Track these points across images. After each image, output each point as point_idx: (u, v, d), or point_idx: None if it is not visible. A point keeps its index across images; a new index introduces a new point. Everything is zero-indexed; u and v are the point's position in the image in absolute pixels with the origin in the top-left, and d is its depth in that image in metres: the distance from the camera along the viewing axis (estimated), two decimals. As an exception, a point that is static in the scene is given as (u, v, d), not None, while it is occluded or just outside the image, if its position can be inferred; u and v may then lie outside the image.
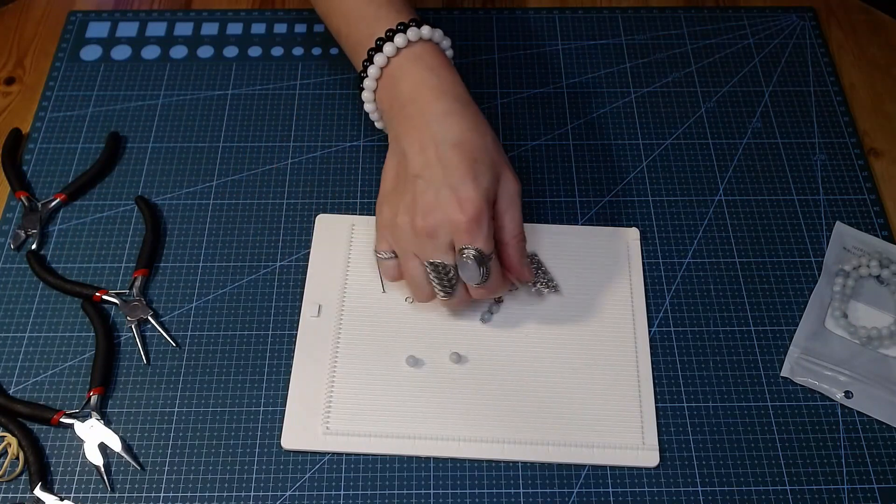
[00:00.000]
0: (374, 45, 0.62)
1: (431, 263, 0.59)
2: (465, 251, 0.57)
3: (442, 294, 0.61)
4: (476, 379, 0.63)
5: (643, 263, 0.69)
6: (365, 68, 0.63)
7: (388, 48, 0.62)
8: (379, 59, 0.62)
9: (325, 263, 0.68)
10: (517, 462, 0.60)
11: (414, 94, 0.61)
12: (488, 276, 0.58)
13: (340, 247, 0.69)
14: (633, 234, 0.70)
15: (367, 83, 0.64)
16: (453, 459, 0.60)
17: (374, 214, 0.71)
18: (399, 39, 0.62)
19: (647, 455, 0.60)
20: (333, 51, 0.82)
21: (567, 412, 0.61)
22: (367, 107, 0.66)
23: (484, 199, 0.57)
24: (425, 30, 0.62)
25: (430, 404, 0.62)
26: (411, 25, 0.62)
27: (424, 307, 0.66)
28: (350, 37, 0.66)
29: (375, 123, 0.68)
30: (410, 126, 0.60)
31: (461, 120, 0.59)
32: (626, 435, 0.61)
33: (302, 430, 0.61)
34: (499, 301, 0.66)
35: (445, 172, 0.58)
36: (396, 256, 0.62)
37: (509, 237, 0.60)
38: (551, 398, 0.62)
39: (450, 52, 0.65)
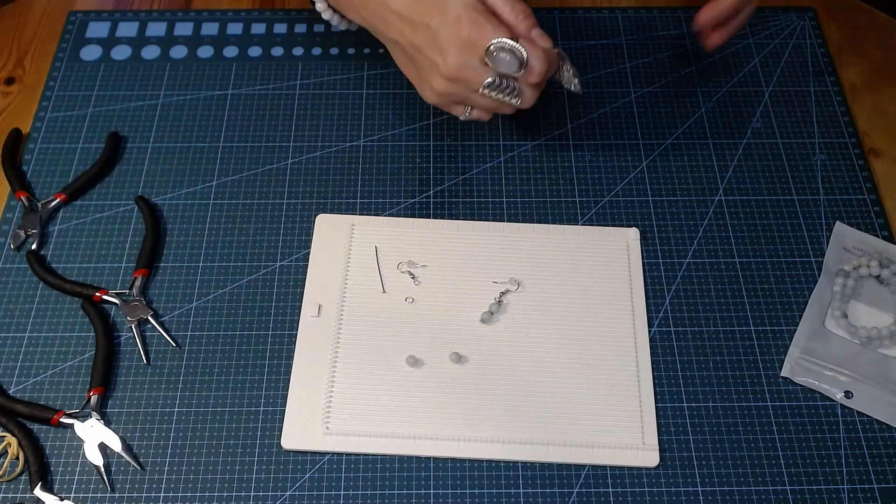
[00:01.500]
0: None
1: (486, 86, 0.61)
2: (488, 50, 0.59)
3: (515, 100, 0.62)
4: (476, 379, 0.63)
5: (643, 263, 0.69)
6: None
7: None
8: None
9: (325, 263, 0.68)
10: (517, 462, 0.60)
11: None
12: (526, 60, 0.59)
13: (340, 247, 0.69)
14: (633, 234, 0.70)
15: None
16: (453, 459, 0.60)
17: (374, 214, 0.71)
18: None
19: (647, 455, 0.60)
20: (333, 51, 0.82)
21: (567, 412, 0.61)
22: (325, 14, 0.71)
23: (465, 6, 0.59)
24: None
25: (430, 404, 0.62)
26: None
27: (424, 307, 0.66)
28: None
29: (337, 26, 0.73)
30: (375, 15, 0.65)
31: None
32: (626, 435, 0.61)
33: (302, 430, 0.61)
34: (499, 301, 0.66)
35: (426, 29, 0.61)
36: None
37: (520, 25, 0.61)
38: (551, 398, 0.62)
39: None
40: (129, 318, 0.65)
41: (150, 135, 0.76)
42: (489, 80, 0.60)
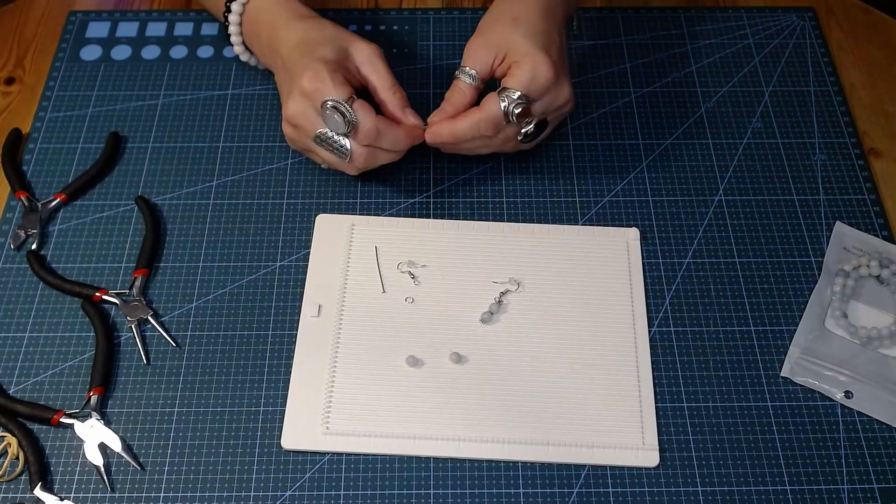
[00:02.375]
0: (225, 8, 0.72)
1: (316, 137, 0.64)
2: (323, 105, 0.62)
3: (342, 158, 0.65)
4: (476, 379, 0.63)
5: (643, 263, 0.69)
6: (226, 18, 0.72)
7: (235, 6, 0.71)
8: (233, 17, 0.72)
9: (325, 263, 0.68)
10: (517, 462, 0.60)
11: (270, 35, 0.69)
12: (354, 122, 0.62)
13: (340, 247, 0.69)
14: (633, 234, 0.70)
15: (233, 29, 0.73)
16: (453, 460, 0.60)
17: (374, 214, 0.71)
18: None
19: (647, 455, 0.60)
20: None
21: (567, 412, 0.61)
22: (237, 49, 0.75)
23: (319, 61, 0.63)
24: None
25: (430, 404, 0.62)
26: None
27: (424, 307, 0.66)
28: (213, 7, 0.77)
29: (241, 57, 0.76)
30: (268, 50, 0.70)
31: (299, 28, 0.68)
32: (626, 435, 0.61)
33: (302, 430, 0.61)
34: (499, 301, 0.66)
35: (289, 70, 0.66)
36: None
37: (383, 92, 0.67)
38: (551, 398, 0.62)
39: None
40: (129, 318, 0.65)
41: (150, 135, 0.76)
42: (318, 131, 0.64)
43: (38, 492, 0.58)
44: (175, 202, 0.72)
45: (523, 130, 0.65)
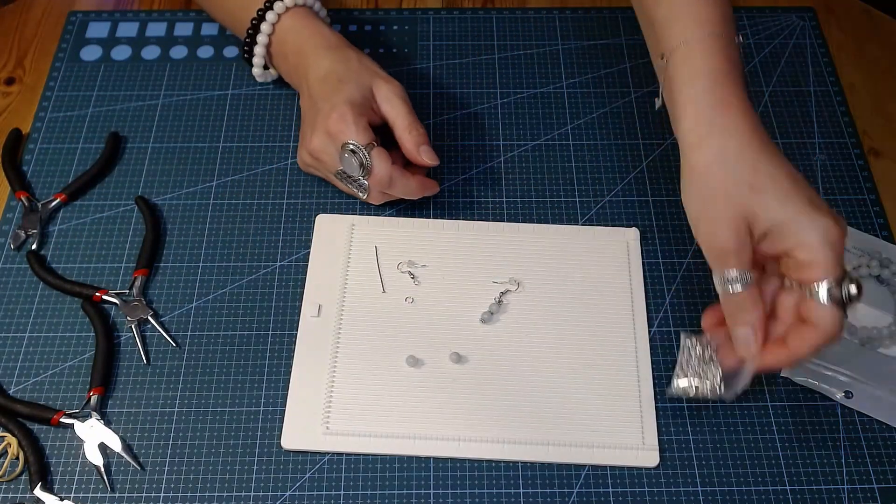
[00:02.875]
0: (256, 16, 0.71)
1: (337, 174, 0.67)
2: (343, 147, 0.64)
3: (361, 194, 0.68)
4: (476, 379, 0.63)
5: (643, 263, 0.69)
6: (252, 37, 0.72)
7: (264, 27, 0.71)
8: (261, 38, 0.72)
9: (325, 263, 0.68)
10: (517, 462, 0.60)
11: (297, 59, 0.71)
12: (369, 165, 0.65)
13: (340, 247, 0.69)
14: (632, 234, 0.70)
15: (258, 50, 0.73)
16: (453, 460, 0.60)
17: (374, 214, 0.71)
18: (270, 17, 0.71)
19: (647, 455, 0.60)
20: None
21: (567, 412, 0.61)
22: (256, 71, 0.76)
23: (346, 103, 0.65)
24: (287, 0, 0.71)
25: (430, 404, 0.62)
26: (276, 0, 0.71)
27: (424, 307, 0.66)
28: (234, 23, 0.75)
29: (258, 78, 0.77)
30: (297, 80, 0.72)
31: (328, 56, 0.69)
32: (626, 435, 0.61)
33: (302, 430, 0.61)
34: (499, 301, 0.66)
35: (315, 102, 0.67)
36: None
37: (401, 131, 0.67)
38: (551, 398, 0.62)
39: (322, 12, 0.75)
40: (129, 318, 0.65)
41: (150, 135, 0.76)
42: (339, 169, 0.67)
43: (38, 492, 0.58)
44: (175, 202, 0.72)
45: (850, 292, 0.50)
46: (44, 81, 0.80)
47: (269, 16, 0.71)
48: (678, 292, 0.68)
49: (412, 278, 0.68)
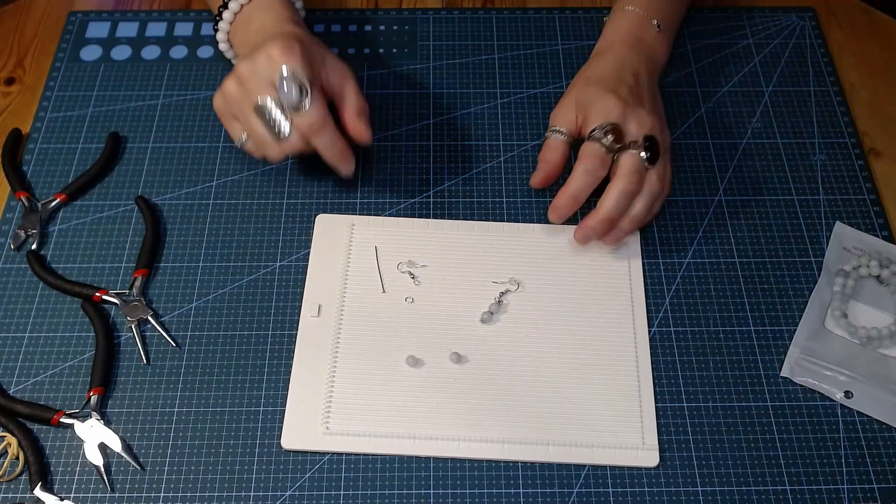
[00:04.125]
0: (223, 2, 0.71)
1: (258, 106, 0.63)
2: (282, 70, 0.62)
3: (273, 135, 0.63)
4: (476, 379, 0.63)
5: (643, 263, 0.69)
6: (220, 13, 0.72)
7: (233, 3, 0.70)
8: (233, 5, 0.71)
9: (325, 263, 0.68)
10: (517, 462, 0.60)
11: (259, 31, 0.69)
12: (307, 99, 0.62)
13: (340, 247, 0.69)
14: (632, 234, 0.70)
15: (222, 25, 0.72)
16: (453, 459, 0.60)
17: (374, 214, 0.71)
18: None
19: (647, 455, 0.60)
20: (333, 50, 0.82)
21: (567, 412, 0.61)
22: (222, 45, 0.74)
23: (298, 41, 0.63)
24: None
25: (430, 404, 0.62)
26: None
27: (424, 307, 0.66)
28: None
29: (232, 61, 0.75)
30: (252, 46, 0.67)
31: (290, 28, 0.67)
32: (626, 435, 0.61)
33: (302, 431, 0.61)
34: (499, 301, 0.66)
35: (257, 45, 0.65)
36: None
37: (348, 99, 0.66)
38: (551, 398, 0.62)
39: (299, 4, 0.74)
40: (129, 318, 0.65)
41: (150, 135, 0.76)
42: (263, 98, 0.63)
43: (38, 492, 0.58)
44: (175, 202, 0.72)
45: (641, 155, 0.64)
46: (44, 81, 0.80)
47: None
48: (678, 292, 0.68)
49: (412, 278, 0.68)
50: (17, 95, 0.80)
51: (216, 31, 0.73)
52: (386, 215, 0.71)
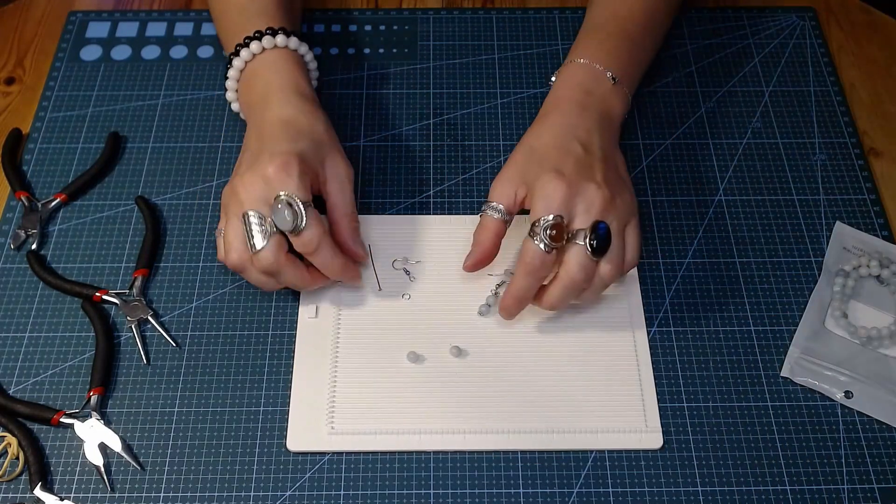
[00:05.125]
0: (234, 51, 0.69)
1: (245, 215, 0.59)
2: (278, 196, 0.59)
3: (253, 246, 0.59)
4: (477, 371, 0.63)
5: (644, 264, 0.69)
6: (230, 61, 0.69)
7: (244, 53, 0.68)
8: (237, 62, 0.69)
9: (325, 263, 0.68)
10: (522, 452, 0.60)
11: (264, 93, 0.66)
12: (302, 223, 0.58)
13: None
14: None
15: (229, 84, 0.70)
16: (454, 457, 0.60)
17: (374, 214, 0.71)
18: (266, 41, 0.68)
19: (650, 437, 0.60)
20: (333, 51, 0.82)
21: (569, 399, 0.62)
22: (229, 95, 0.72)
23: (296, 154, 0.60)
24: (292, 41, 0.69)
25: (434, 399, 0.62)
26: (267, 34, 0.68)
27: (422, 303, 0.66)
28: (226, 40, 0.72)
29: (232, 106, 0.73)
30: (255, 118, 0.66)
31: (296, 107, 0.65)
32: (629, 418, 0.61)
33: (307, 431, 0.61)
34: (495, 294, 0.66)
35: (264, 143, 0.62)
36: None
37: (340, 215, 0.64)
38: (553, 386, 0.62)
39: (312, 65, 0.72)
40: (129, 318, 0.65)
41: (150, 135, 0.76)
42: (252, 210, 0.59)
43: (38, 492, 0.58)
44: (175, 202, 0.72)
45: (587, 243, 0.58)
46: (44, 81, 0.80)
47: (254, 45, 0.67)
48: (678, 292, 0.68)
49: (407, 275, 0.68)
50: (17, 95, 0.80)
51: (226, 78, 0.70)
52: (379, 214, 0.71)
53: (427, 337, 0.65)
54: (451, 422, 0.61)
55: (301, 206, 0.58)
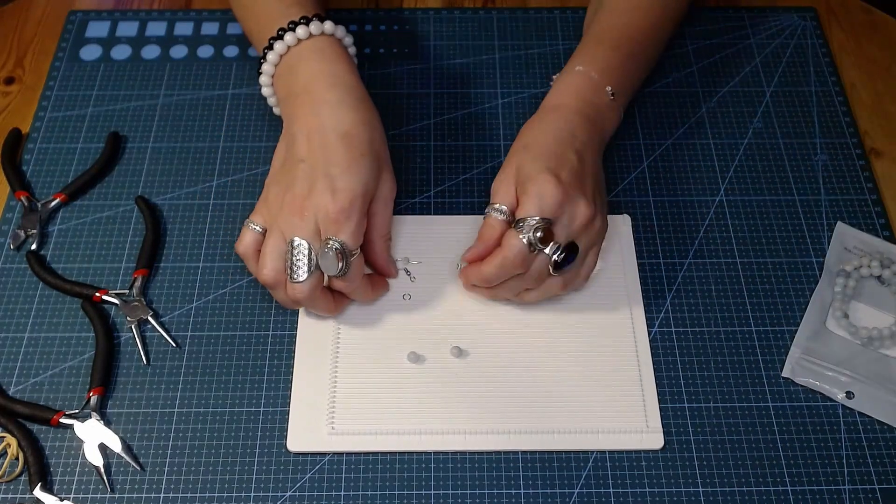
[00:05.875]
0: (275, 35, 0.65)
1: (292, 242, 0.58)
2: (330, 241, 0.57)
3: (293, 275, 0.59)
4: (478, 371, 0.63)
5: (645, 264, 0.69)
6: (264, 55, 0.66)
7: (288, 37, 0.64)
8: (279, 46, 0.65)
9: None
10: (523, 452, 0.60)
11: (308, 84, 0.63)
12: (347, 270, 0.58)
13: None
14: (622, 221, 0.70)
15: (266, 68, 0.67)
16: (454, 458, 0.60)
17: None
18: (301, 31, 0.64)
19: (651, 438, 0.60)
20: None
21: (570, 399, 0.62)
22: (265, 91, 0.69)
23: (360, 194, 0.59)
24: (328, 25, 0.65)
25: (434, 399, 0.62)
26: (314, 20, 0.65)
27: (422, 303, 0.66)
28: (259, 32, 0.68)
29: (273, 109, 0.71)
30: (302, 113, 0.62)
31: (352, 111, 0.61)
32: (630, 419, 0.61)
33: (307, 432, 0.61)
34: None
35: (327, 160, 0.59)
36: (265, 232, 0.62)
37: (377, 236, 0.63)
38: (554, 386, 0.62)
39: (352, 49, 0.68)
40: (129, 318, 0.65)
41: (150, 135, 0.76)
42: (300, 241, 0.58)
43: (38, 492, 0.58)
44: (175, 202, 0.72)
45: (553, 258, 0.59)
46: (43, 81, 0.80)
47: (288, 37, 0.64)
48: (678, 292, 0.68)
49: (408, 275, 0.68)
50: (17, 95, 0.79)
51: (259, 73, 0.67)
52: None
53: (428, 337, 0.65)
54: (452, 422, 0.61)
55: (350, 256, 0.58)
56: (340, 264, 0.58)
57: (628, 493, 0.59)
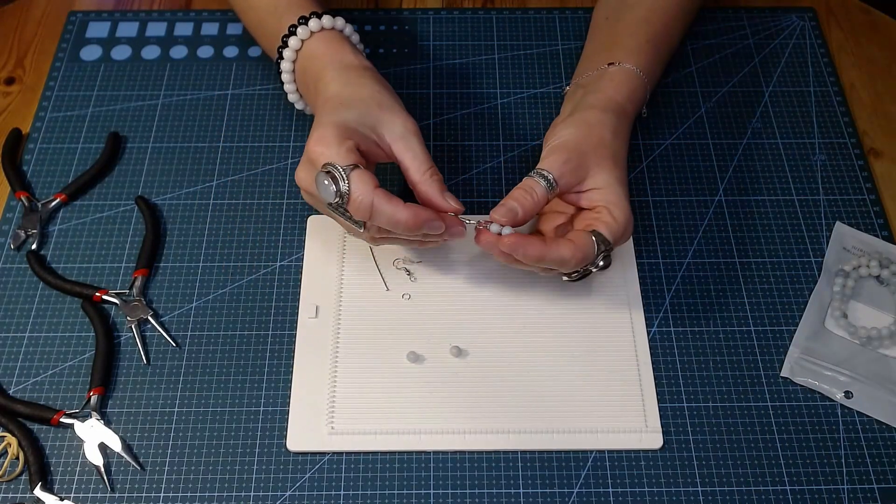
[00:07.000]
0: (287, 32, 0.67)
1: (328, 205, 0.59)
2: (319, 172, 0.57)
3: (356, 226, 0.60)
4: (477, 372, 0.63)
5: (644, 264, 0.69)
6: (280, 54, 0.68)
7: (301, 31, 0.66)
8: (293, 42, 0.67)
9: (320, 264, 0.68)
10: (521, 452, 0.60)
11: (321, 72, 0.65)
12: (346, 192, 0.56)
13: (334, 247, 0.69)
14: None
15: (285, 65, 0.68)
16: (454, 457, 0.60)
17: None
18: (313, 24, 0.66)
19: (650, 437, 0.60)
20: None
21: (569, 399, 0.62)
22: (288, 87, 0.70)
23: (331, 124, 0.59)
24: (325, 20, 0.67)
25: (434, 399, 0.62)
26: (301, 23, 0.67)
27: (422, 303, 0.66)
28: (266, 30, 0.71)
29: (296, 105, 0.73)
30: (312, 105, 0.66)
31: (338, 79, 0.64)
32: (629, 419, 0.61)
33: (307, 432, 0.61)
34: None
35: (314, 125, 0.61)
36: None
37: (416, 176, 0.60)
38: (553, 386, 0.62)
39: (355, 37, 0.70)
40: (129, 318, 0.65)
41: (150, 135, 0.76)
42: (329, 201, 0.58)
43: (38, 492, 0.58)
44: (175, 202, 0.72)
45: (600, 264, 0.60)
46: (44, 81, 0.80)
47: (292, 41, 0.67)
48: (678, 292, 0.68)
49: (408, 274, 0.68)
50: (17, 95, 0.80)
51: (279, 73, 0.69)
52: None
53: (427, 337, 0.65)
54: (451, 422, 0.61)
55: (340, 171, 0.56)
56: (332, 187, 0.56)
57: (627, 493, 0.59)
